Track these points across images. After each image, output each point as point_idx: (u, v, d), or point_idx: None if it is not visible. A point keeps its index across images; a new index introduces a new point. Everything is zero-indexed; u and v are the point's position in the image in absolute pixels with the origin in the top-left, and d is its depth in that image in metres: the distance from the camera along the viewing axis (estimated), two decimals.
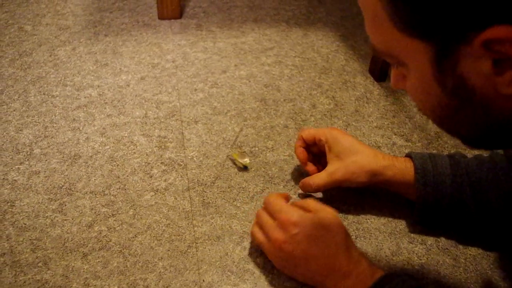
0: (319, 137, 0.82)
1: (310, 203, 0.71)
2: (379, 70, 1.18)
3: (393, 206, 0.84)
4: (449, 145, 1.01)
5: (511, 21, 0.34)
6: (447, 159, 0.77)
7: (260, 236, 0.71)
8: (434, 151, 0.99)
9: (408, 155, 0.80)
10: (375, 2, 0.42)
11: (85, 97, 1.09)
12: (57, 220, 0.81)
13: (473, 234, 0.79)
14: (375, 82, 1.18)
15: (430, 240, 0.79)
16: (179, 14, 1.40)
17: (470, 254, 0.77)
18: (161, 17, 1.39)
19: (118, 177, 0.89)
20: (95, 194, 0.86)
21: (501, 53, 0.37)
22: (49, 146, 0.96)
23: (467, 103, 0.42)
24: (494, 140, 0.47)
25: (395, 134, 1.03)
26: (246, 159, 0.91)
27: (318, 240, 0.65)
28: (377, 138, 1.01)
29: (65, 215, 0.82)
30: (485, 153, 0.78)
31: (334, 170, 0.79)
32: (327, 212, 0.68)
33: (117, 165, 0.92)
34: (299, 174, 0.91)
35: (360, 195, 0.86)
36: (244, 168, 0.91)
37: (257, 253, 0.76)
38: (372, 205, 0.85)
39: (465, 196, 0.73)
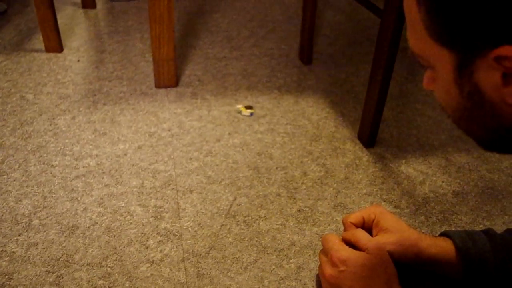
0: (368, 215, 0.85)
1: (361, 238, 0.78)
2: (368, 137, 1.23)
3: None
4: (437, 210, 1.04)
5: None
6: (484, 236, 0.80)
7: (319, 270, 0.80)
8: (422, 217, 1.02)
9: (445, 234, 0.83)
10: (415, 13, 0.50)
11: (83, 167, 1.13)
12: None
13: None
14: (364, 148, 1.23)
15: None
16: (175, 82, 1.46)
17: None
18: (158, 85, 1.45)
19: (115, 248, 0.92)
20: (92, 266, 0.88)
21: (508, 68, 0.45)
22: (47, 217, 0.99)
23: (479, 107, 0.50)
24: (503, 144, 0.55)
25: (384, 201, 1.06)
26: (251, 110, 1.28)
27: (363, 278, 0.72)
28: (366, 205, 1.04)
29: None
30: None
31: (385, 241, 0.81)
32: (374, 252, 0.75)
33: (114, 236, 0.94)
34: (291, 244, 0.93)
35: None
36: (251, 115, 1.28)
37: None
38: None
39: (509, 270, 0.76)
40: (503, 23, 0.43)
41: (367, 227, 0.85)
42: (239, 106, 1.33)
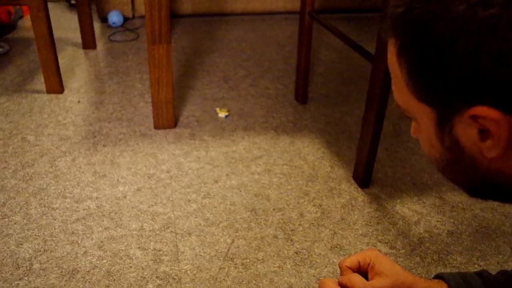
0: (364, 259, 0.86)
1: (356, 282, 0.78)
2: (363, 177, 1.25)
3: None
4: (432, 250, 1.06)
5: (488, 104, 0.46)
6: (478, 278, 0.82)
7: None
8: (417, 258, 1.04)
9: (440, 277, 0.85)
10: (398, 71, 0.55)
11: (83, 209, 1.14)
12: None
13: None
14: (359, 189, 1.25)
15: None
16: (174, 123, 1.49)
17: None
18: (157, 126, 1.49)
19: None
20: None
21: (483, 126, 0.48)
22: (48, 261, 1.00)
23: (460, 159, 0.54)
24: (486, 192, 0.58)
25: (380, 242, 1.08)
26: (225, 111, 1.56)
27: None
28: (362, 247, 1.06)
29: None
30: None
31: (380, 285, 0.82)
32: None
33: (114, 280, 0.95)
34: (289, 287, 0.95)
35: None
36: (226, 117, 1.54)
37: None
38: None
39: None
40: (475, 86, 0.47)
41: (363, 271, 0.87)
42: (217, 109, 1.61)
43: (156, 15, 1.31)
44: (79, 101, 1.66)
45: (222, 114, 1.58)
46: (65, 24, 2.46)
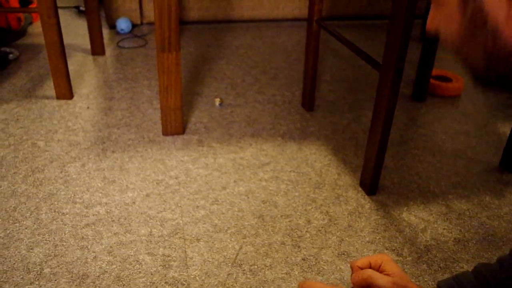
0: (375, 261, 0.88)
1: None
2: (370, 184, 1.26)
3: None
4: (438, 258, 1.06)
5: None
6: (469, 273, 0.83)
7: None
8: (424, 265, 1.05)
9: (438, 286, 0.86)
10: None
11: (93, 215, 1.16)
12: None
13: None
14: (366, 196, 1.26)
15: None
16: (182, 130, 1.51)
17: None
18: (165, 133, 1.50)
19: None
20: None
21: None
22: (58, 266, 1.01)
23: (481, 30, 0.52)
24: (500, 73, 0.55)
25: (386, 249, 1.08)
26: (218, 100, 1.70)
27: None
28: (369, 253, 1.07)
29: None
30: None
31: (396, 280, 0.83)
32: None
33: (123, 285, 0.97)
34: None
35: None
36: (219, 104, 1.70)
37: None
38: None
39: None
40: None
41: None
42: (217, 100, 1.73)
43: (165, 23, 1.33)
44: (88, 107, 1.68)
45: (217, 102, 1.72)
46: (74, 31, 2.49)
